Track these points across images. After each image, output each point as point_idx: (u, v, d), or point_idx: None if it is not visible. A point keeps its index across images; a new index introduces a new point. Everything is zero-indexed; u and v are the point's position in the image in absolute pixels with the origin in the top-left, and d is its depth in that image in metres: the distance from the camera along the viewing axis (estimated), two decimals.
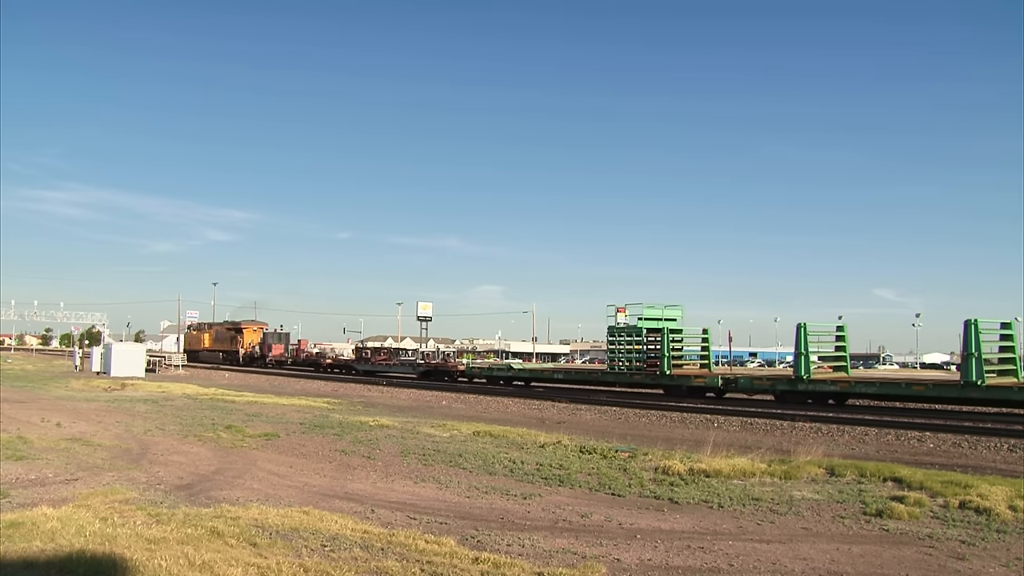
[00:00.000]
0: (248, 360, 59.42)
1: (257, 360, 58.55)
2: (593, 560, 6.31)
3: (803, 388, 23.15)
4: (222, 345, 63.68)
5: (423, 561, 6.06)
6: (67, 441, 13.09)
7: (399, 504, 8.66)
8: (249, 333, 62.29)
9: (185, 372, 48.95)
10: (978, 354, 19.51)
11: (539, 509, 8.51)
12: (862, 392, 22.99)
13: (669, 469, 10.84)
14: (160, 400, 23.81)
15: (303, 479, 10.31)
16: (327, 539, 6.69)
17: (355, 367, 47.77)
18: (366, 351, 51.71)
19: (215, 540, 6.47)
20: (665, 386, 28.22)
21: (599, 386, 31.60)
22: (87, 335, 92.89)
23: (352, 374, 46.09)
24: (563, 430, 17.26)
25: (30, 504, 7.87)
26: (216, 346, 64.35)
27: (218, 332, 66.08)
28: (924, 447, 15.25)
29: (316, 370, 49.97)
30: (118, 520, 7.08)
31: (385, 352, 51.39)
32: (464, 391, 30.93)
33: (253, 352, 60.28)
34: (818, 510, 8.53)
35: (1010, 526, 7.76)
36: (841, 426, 17.71)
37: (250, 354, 60.28)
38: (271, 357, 57.37)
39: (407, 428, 16.25)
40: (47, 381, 34.19)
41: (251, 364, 57.93)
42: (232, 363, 59.37)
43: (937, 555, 6.74)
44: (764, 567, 6.30)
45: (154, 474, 10.29)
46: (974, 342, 19.62)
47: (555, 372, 36.65)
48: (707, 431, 17.25)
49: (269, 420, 17.76)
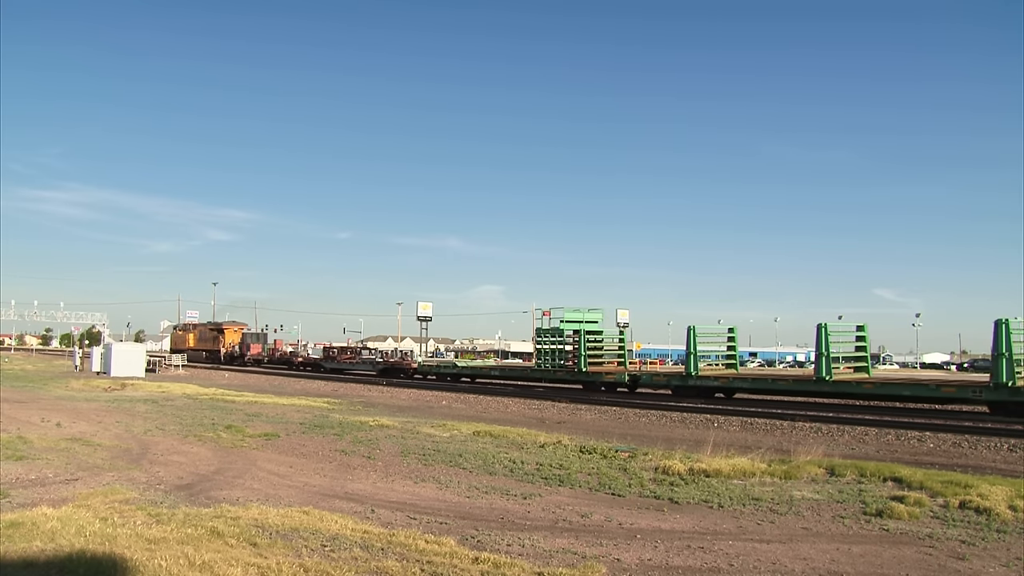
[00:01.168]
0: (229, 359, 62.84)
1: (237, 359, 62.06)
2: (593, 560, 6.31)
3: (692, 384, 26.30)
4: (205, 344, 66.79)
5: (423, 561, 6.06)
6: (67, 441, 13.09)
7: (399, 504, 8.66)
8: (230, 333, 66.14)
9: (185, 372, 48.96)
10: (827, 353, 22.74)
11: (539, 509, 8.51)
12: (739, 387, 26.26)
13: (669, 469, 10.84)
14: (160, 400, 23.81)
15: (303, 479, 10.31)
16: (327, 539, 6.69)
17: (323, 365, 51.61)
18: (333, 350, 55.41)
19: (215, 540, 6.47)
20: (582, 381, 31.26)
21: (528, 381, 35.03)
22: (87, 335, 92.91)
23: (321, 371, 49.28)
24: (563, 430, 17.26)
25: (30, 504, 7.87)
26: (200, 345, 67.20)
27: (202, 332, 69.79)
28: (924, 447, 15.26)
29: (289, 368, 54.52)
30: (118, 520, 7.08)
31: (350, 351, 54.86)
32: (464, 391, 30.94)
33: (233, 351, 63.79)
34: (818, 510, 8.53)
35: (1010, 526, 7.76)
36: (841, 426, 17.72)
37: (230, 353, 63.70)
38: (249, 356, 61.09)
39: (407, 428, 16.25)
40: (47, 381, 34.18)
41: (231, 362, 61.43)
42: (214, 361, 62.21)
43: (937, 555, 6.74)
44: (764, 567, 6.30)
45: (154, 474, 10.29)
46: (824, 342, 22.79)
47: (492, 369, 40.49)
48: (707, 431, 17.25)
49: (269, 420, 17.76)
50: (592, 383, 30.89)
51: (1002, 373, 19.07)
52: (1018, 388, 18.92)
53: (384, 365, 46.36)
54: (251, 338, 64.27)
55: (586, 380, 31.00)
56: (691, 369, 26.18)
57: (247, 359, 60.79)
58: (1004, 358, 19.10)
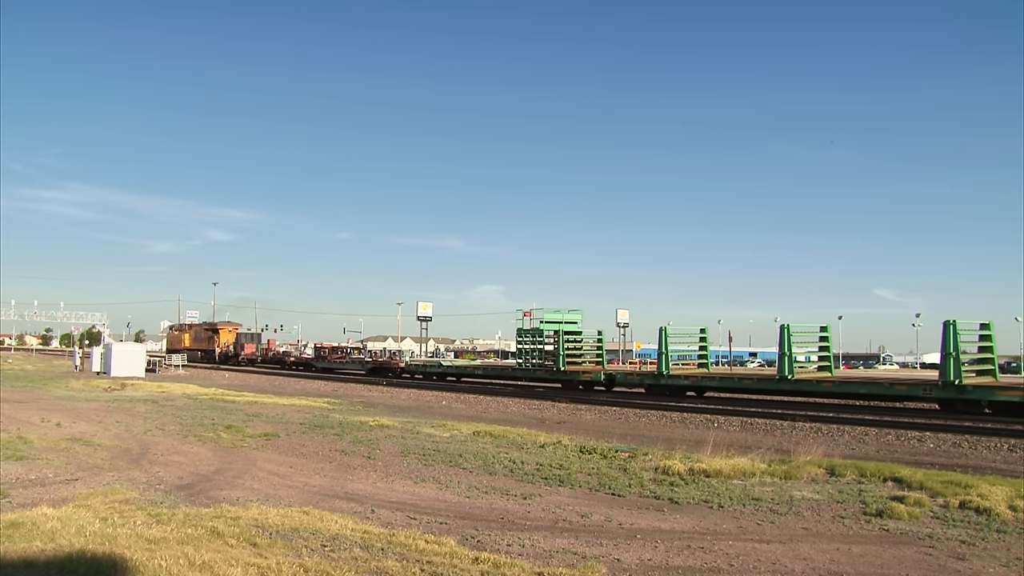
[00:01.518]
0: (224, 358, 63.65)
1: (231, 358, 62.90)
2: (593, 560, 6.31)
3: (663, 382, 27.41)
4: (200, 344, 67.64)
5: (423, 561, 6.06)
6: (67, 441, 13.09)
7: (399, 504, 8.66)
8: (225, 333, 66.82)
9: (185, 372, 48.96)
10: (789, 353, 23.89)
11: (539, 509, 8.51)
12: (707, 385, 27.36)
13: (669, 469, 10.84)
14: (160, 400, 23.81)
15: (303, 479, 10.31)
16: (327, 539, 6.69)
17: (314, 364, 53.88)
18: (324, 350, 57.56)
19: (215, 540, 6.47)
20: (560, 380, 32.27)
21: (510, 380, 36.32)
22: (87, 335, 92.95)
23: (312, 370, 51.07)
24: (563, 430, 17.25)
25: (30, 504, 7.87)
26: (195, 345, 68.03)
27: (197, 332, 70.88)
28: (924, 447, 15.26)
29: (282, 367, 56.23)
30: (118, 520, 7.08)
31: (340, 351, 56.99)
32: (464, 391, 30.95)
33: (228, 351, 64.51)
34: (818, 510, 8.53)
35: (1010, 526, 7.76)
36: (841, 426, 17.72)
37: (225, 353, 64.54)
38: (244, 356, 62.14)
39: (407, 428, 16.25)
40: (47, 381, 34.18)
41: (226, 362, 62.35)
42: (209, 361, 63.14)
43: (937, 555, 6.74)
44: (764, 567, 6.30)
45: (154, 474, 10.29)
46: (787, 343, 23.94)
47: (476, 368, 42.07)
48: (707, 431, 17.25)
49: (269, 420, 17.76)
50: (570, 381, 31.78)
51: (950, 372, 20.04)
52: (964, 386, 19.91)
53: (373, 365, 48.04)
54: (245, 338, 65.43)
55: (564, 379, 31.92)
56: (663, 368, 27.32)
57: (241, 359, 61.89)
58: (951, 357, 20.05)
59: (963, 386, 19.95)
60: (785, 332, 24.19)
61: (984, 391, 20.06)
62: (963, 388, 19.96)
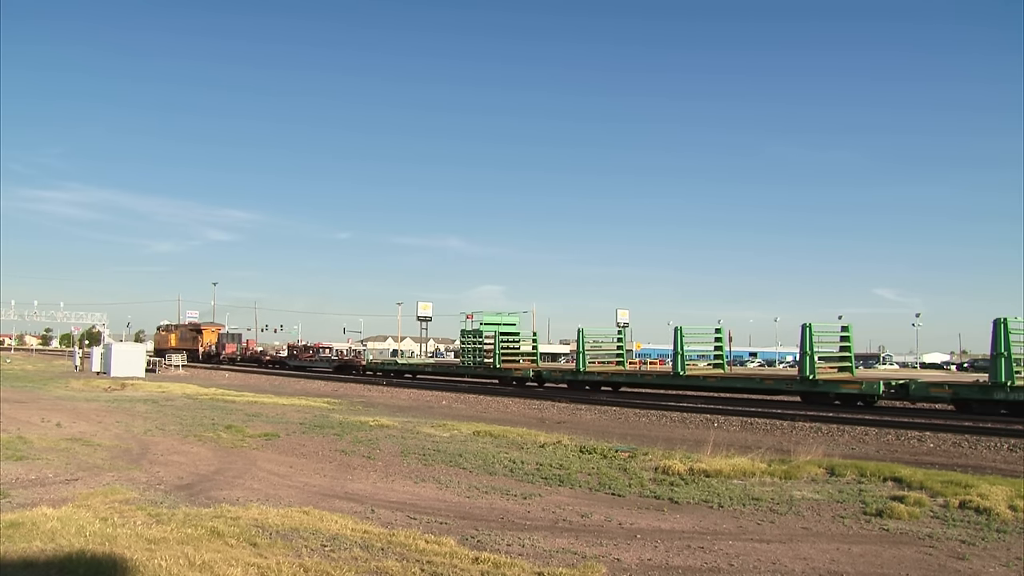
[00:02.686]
0: (207, 357, 67.41)
1: (213, 357, 66.81)
2: (593, 560, 6.31)
3: (580, 378, 30.56)
4: (185, 344, 70.04)
5: (423, 561, 6.05)
6: (67, 441, 13.09)
7: (399, 504, 8.66)
8: (208, 334, 71.29)
9: (185, 372, 48.97)
10: (682, 352, 25.98)
11: (539, 509, 8.51)
12: (619, 381, 30.46)
13: (669, 469, 10.84)
14: (160, 400, 23.81)
15: (303, 479, 10.31)
16: (327, 539, 6.69)
17: (288, 362, 59.52)
18: (296, 349, 63.26)
19: (215, 540, 6.47)
20: (497, 376, 35.21)
21: (455, 376, 39.60)
22: (87, 335, 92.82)
23: (286, 368, 56.37)
24: (563, 430, 17.25)
25: (30, 504, 7.87)
26: (180, 345, 70.18)
27: (183, 332, 74.02)
28: (924, 447, 15.25)
29: (259, 365, 60.82)
30: (118, 520, 7.08)
31: (311, 350, 61.79)
32: (464, 391, 30.95)
33: (210, 350, 68.55)
34: (818, 510, 8.53)
35: (1010, 526, 7.75)
36: (841, 426, 17.72)
37: (208, 352, 68.49)
38: (225, 355, 66.28)
39: (407, 428, 16.25)
40: (47, 381, 34.18)
41: (208, 360, 66.07)
42: (193, 360, 65.56)
43: (937, 555, 6.74)
44: (764, 567, 6.29)
45: (154, 474, 10.29)
46: (680, 344, 25.91)
47: (426, 366, 46.35)
48: (707, 431, 17.24)
49: (269, 420, 17.76)
50: (505, 377, 34.71)
51: (806, 368, 22.56)
52: (816, 380, 22.53)
53: (339, 362, 52.89)
54: (226, 338, 69.72)
55: (500, 375, 34.95)
56: (580, 366, 30.58)
57: (222, 357, 65.63)
58: (808, 356, 22.53)
59: (816, 380, 22.47)
60: (678, 333, 25.91)
61: (831, 385, 22.66)
62: (816, 382, 22.51)
